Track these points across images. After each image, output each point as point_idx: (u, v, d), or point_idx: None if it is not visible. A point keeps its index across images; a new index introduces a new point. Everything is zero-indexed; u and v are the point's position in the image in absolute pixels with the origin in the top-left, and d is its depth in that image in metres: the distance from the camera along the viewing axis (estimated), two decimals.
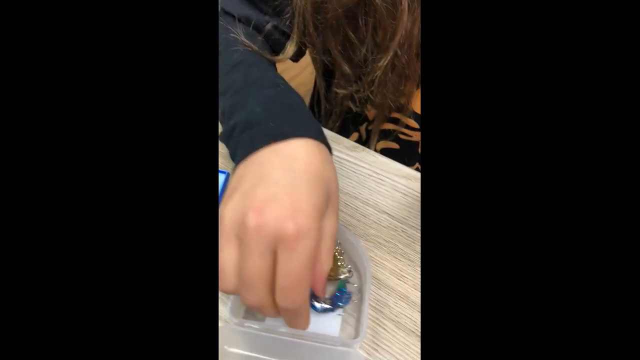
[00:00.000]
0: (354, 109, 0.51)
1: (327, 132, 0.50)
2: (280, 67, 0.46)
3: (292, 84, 0.37)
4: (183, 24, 0.20)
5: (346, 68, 0.45)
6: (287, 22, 0.44)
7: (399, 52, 0.40)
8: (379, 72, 0.42)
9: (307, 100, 0.71)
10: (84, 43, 0.19)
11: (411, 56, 0.41)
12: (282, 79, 0.38)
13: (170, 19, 0.20)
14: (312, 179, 0.26)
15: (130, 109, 0.19)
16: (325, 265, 0.27)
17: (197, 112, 0.20)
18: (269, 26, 0.44)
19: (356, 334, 0.33)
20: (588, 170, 0.17)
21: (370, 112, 0.54)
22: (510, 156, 0.18)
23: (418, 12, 0.39)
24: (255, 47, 0.41)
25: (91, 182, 0.18)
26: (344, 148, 0.48)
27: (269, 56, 0.43)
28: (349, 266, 0.36)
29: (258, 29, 0.45)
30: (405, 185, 0.44)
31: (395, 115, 0.52)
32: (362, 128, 0.57)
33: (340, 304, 0.34)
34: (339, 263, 0.36)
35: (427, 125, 0.20)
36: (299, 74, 1.06)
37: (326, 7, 0.40)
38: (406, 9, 0.38)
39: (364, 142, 0.58)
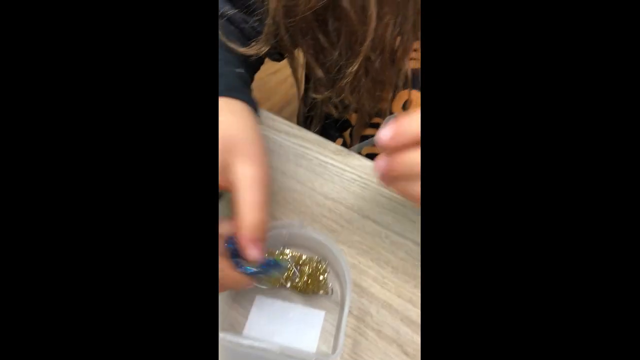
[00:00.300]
0: (335, 114, 0.51)
1: (312, 137, 0.49)
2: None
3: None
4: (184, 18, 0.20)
5: (320, 72, 0.44)
6: (257, 23, 0.44)
7: (372, 58, 0.40)
8: (349, 78, 0.41)
9: (296, 104, 0.70)
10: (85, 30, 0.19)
11: (384, 62, 0.41)
12: (228, 53, 0.39)
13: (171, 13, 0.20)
14: None
15: (127, 100, 0.19)
16: (246, 219, 0.25)
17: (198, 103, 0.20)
18: (229, 11, 0.43)
19: (335, 347, 0.32)
20: (594, 174, 0.17)
21: (353, 117, 0.53)
22: (513, 163, 0.18)
23: (389, 18, 0.38)
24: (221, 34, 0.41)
25: (85, 176, 0.19)
26: (329, 152, 0.47)
27: (232, 45, 0.42)
28: (331, 284, 0.35)
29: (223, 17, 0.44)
30: (389, 190, 0.43)
31: (377, 120, 0.51)
32: (346, 134, 0.56)
33: (264, 268, 0.30)
34: (321, 277, 0.35)
35: (428, 129, 0.20)
36: (291, 74, 1.05)
37: (295, 10, 0.40)
38: (374, 14, 0.38)
39: (349, 147, 0.57)
